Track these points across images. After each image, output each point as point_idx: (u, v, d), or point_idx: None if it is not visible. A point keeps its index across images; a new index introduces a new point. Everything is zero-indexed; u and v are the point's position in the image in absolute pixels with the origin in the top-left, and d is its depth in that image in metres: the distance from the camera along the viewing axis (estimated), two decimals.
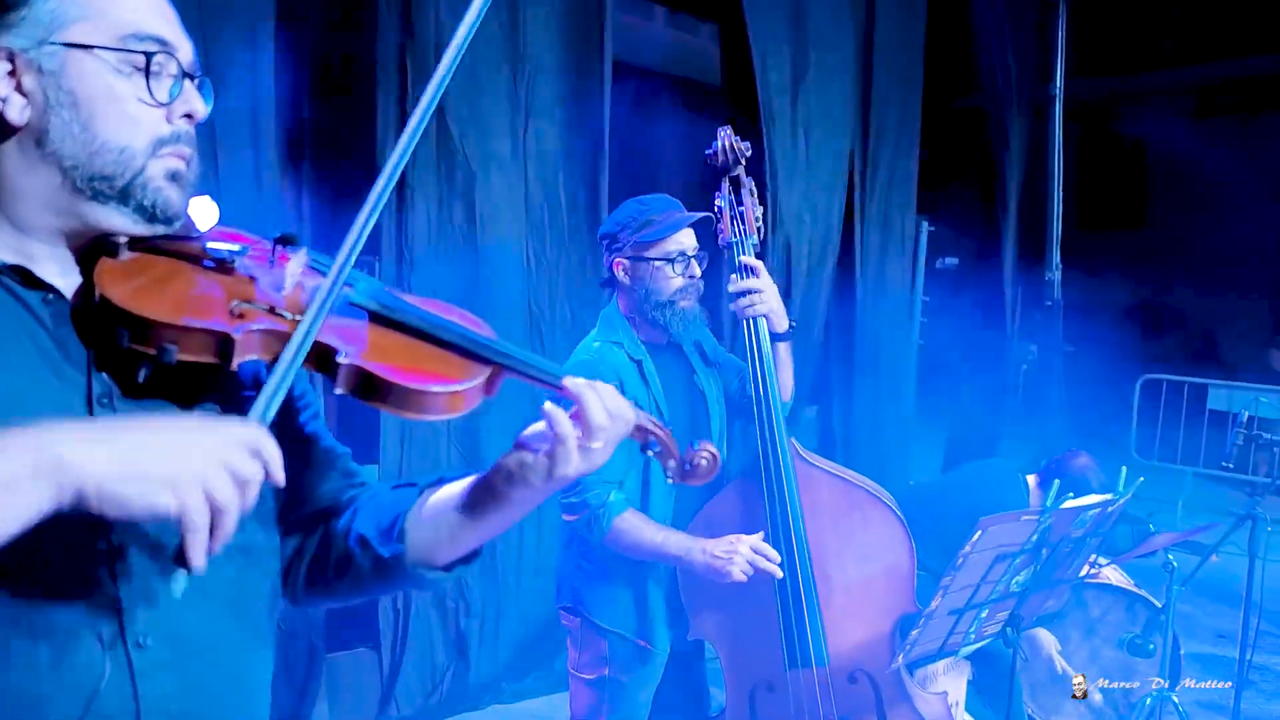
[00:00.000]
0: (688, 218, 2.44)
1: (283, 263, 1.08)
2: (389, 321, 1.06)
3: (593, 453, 1.05)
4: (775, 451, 2.39)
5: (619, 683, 2.50)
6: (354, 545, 1.15)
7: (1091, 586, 4.03)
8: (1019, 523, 2.06)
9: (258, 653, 1.13)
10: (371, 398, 1.01)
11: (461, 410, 1.04)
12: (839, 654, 2.42)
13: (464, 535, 1.11)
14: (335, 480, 1.23)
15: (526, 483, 1.06)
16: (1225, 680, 4.26)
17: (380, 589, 1.18)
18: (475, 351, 1.06)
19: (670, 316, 2.42)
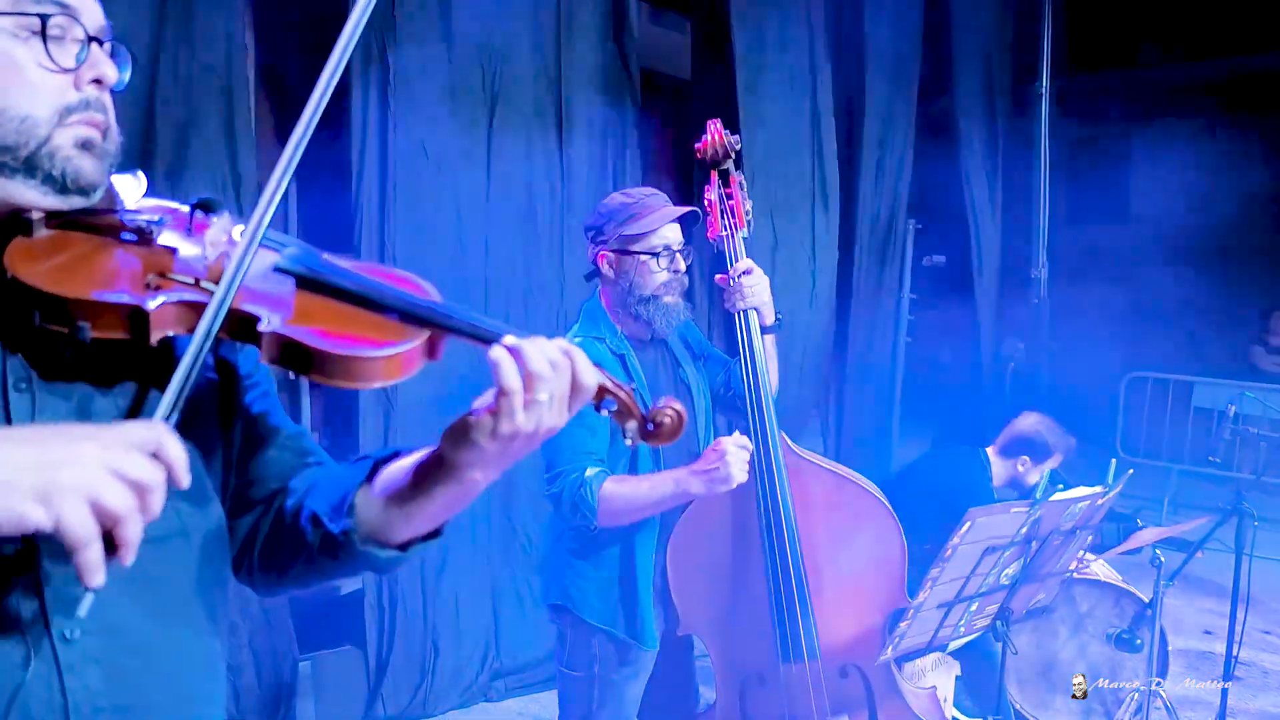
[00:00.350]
0: (673, 211, 2.42)
1: (201, 231, 1.03)
2: (318, 286, 1.01)
3: (539, 407, 0.97)
4: (766, 444, 2.38)
5: (608, 680, 2.49)
6: (305, 523, 1.10)
7: (1079, 582, 4.04)
8: (1008, 515, 2.06)
9: (201, 641, 1.09)
10: (301, 368, 0.96)
11: (400, 375, 0.99)
12: (830, 648, 2.42)
13: (417, 510, 1.05)
14: (287, 459, 1.18)
15: (472, 444, 0.98)
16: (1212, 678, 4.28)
17: (335, 569, 1.12)
18: (411, 314, 1.00)
19: (654, 311, 2.40)
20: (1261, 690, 4.71)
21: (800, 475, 2.42)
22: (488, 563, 4.12)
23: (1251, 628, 5.32)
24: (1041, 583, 2.43)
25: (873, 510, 2.44)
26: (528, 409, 0.96)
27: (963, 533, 1.98)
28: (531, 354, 0.96)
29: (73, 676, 0.96)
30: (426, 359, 1.01)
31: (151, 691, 1.02)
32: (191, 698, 1.08)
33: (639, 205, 2.42)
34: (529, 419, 0.97)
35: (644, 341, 2.48)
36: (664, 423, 1.05)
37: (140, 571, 0.98)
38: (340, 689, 3.79)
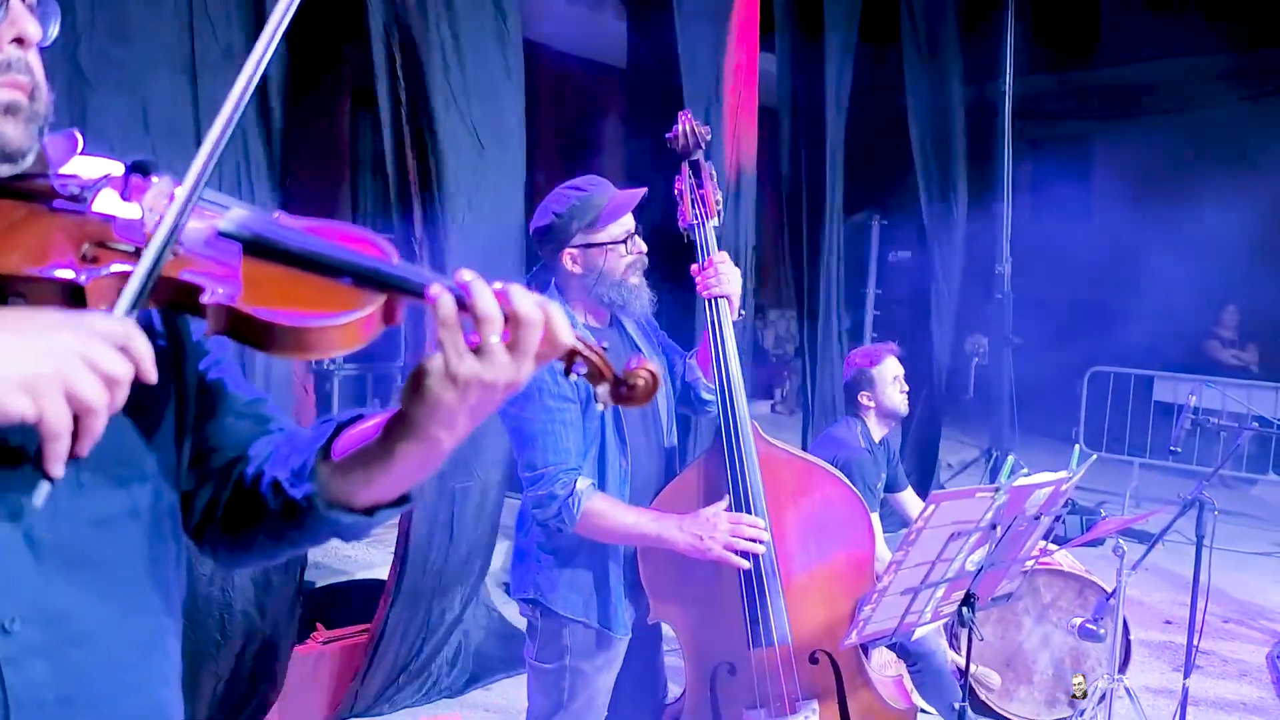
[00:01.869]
0: (631, 198, 2.42)
1: (139, 194, 0.97)
2: (266, 251, 0.94)
3: (492, 353, 0.90)
4: (737, 432, 2.38)
5: (580, 670, 2.48)
6: (266, 490, 1.06)
7: (1043, 572, 4.09)
8: (973, 500, 2.08)
9: (150, 622, 1.05)
10: (251, 341, 0.91)
11: (357, 344, 0.93)
12: (800, 634, 2.43)
13: (380, 472, 1.00)
14: (246, 427, 1.14)
15: (428, 393, 0.92)
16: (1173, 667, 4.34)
17: (299, 537, 1.07)
18: (366, 277, 0.93)
19: (626, 294, 2.41)
20: (1221, 678, 4.79)
21: (771, 463, 2.43)
22: (459, 556, 4.10)
23: (1212, 617, 5.41)
24: (1007, 569, 2.45)
25: (842, 498, 2.46)
26: (480, 355, 0.90)
27: (927, 516, 2.00)
28: (479, 292, 0.90)
29: (13, 670, 0.92)
30: (384, 324, 0.95)
31: (98, 680, 0.99)
32: (142, 683, 1.04)
33: (594, 197, 2.40)
34: (482, 365, 0.90)
35: (603, 330, 2.48)
36: (637, 384, 0.99)
37: (85, 555, 0.97)
38: (306, 686, 3.75)
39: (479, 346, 0.90)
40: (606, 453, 2.41)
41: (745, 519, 2.33)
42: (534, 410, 2.31)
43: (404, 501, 1.05)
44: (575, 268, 2.41)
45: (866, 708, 2.52)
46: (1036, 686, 4.12)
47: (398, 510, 1.05)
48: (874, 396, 3.81)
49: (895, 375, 3.83)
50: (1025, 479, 2.16)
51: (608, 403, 0.99)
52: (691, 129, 2.50)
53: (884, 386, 3.80)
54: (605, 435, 2.40)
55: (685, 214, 2.51)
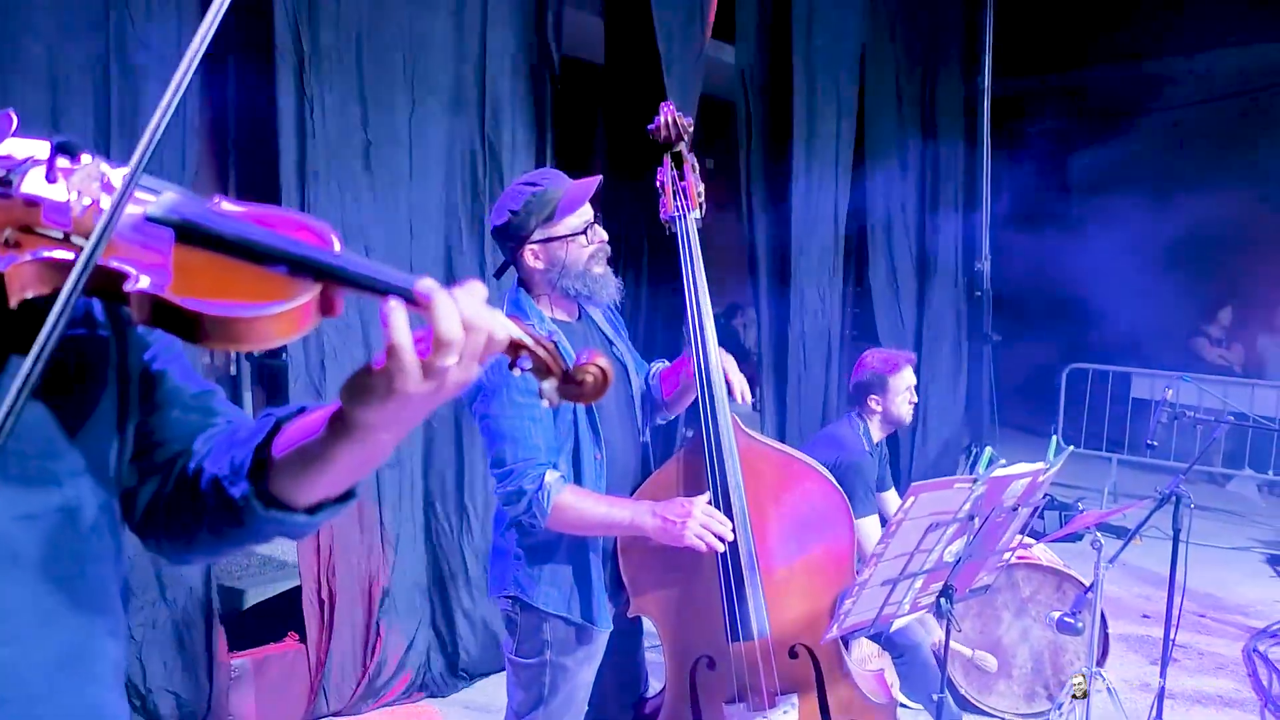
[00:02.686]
0: (587, 188, 2.40)
1: (65, 176, 0.92)
2: (197, 238, 0.90)
3: (444, 370, 0.87)
4: (716, 425, 2.38)
5: (561, 665, 2.47)
6: (206, 487, 1.03)
7: (1022, 566, 4.11)
8: (951, 490, 2.08)
9: (87, 621, 1.02)
10: (180, 331, 0.87)
11: (291, 335, 0.89)
12: (780, 628, 2.42)
13: (321, 471, 0.97)
14: (192, 421, 1.11)
15: (367, 402, 0.90)
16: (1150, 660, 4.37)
17: (242, 535, 1.04)
18: (301, 266, 0.89)
19: (590, 283, 2.39)
20: (1198, 671, 4.83)
21: (751, 457, 2.43)
22: (428, 554, 4.08)
23: (1188, 611, 5.46)
24: (984, 561, 2.46)
25: (823, 492, 2.45)
26: (429, 370, 0.87)
27: (906, 507, 2.00)
28: (442, 313, 0.86)
29: None
30: (321, 315, 0.92)
31: (32, 681, 0.96)
32: (78, 684, 1.01)
33: (549, 191, 2.38)
34: (431, 378, 0.88)
35: (571, 324, 2.47)
36: (586, 380, 0.96)
37: (13, 552, 0.94)
38: (281, 686, 3.73)
39: (428, 364, 0.87)
40: (581, 446, 2.40)
41: (718, 515, 2.32)
42: (502, 407, 2.30)
43: (348, 498, 1.03)
44: (537, 263, 2.40)
45: (846, 701, 2.52)
46: (1015, 680, 4.14)
47: (342, 507, 1.03)
48: (883, 402, 3.83)
49: (908, 385, 3.86)
50: (1003, 470, 2.17)
51: (554, 400, 0.96)
52: (673, 120, 2.50)
53: (895, 395, 3.83)
54: (579, 429, 2.39)
55: (666, 205, 2.50)
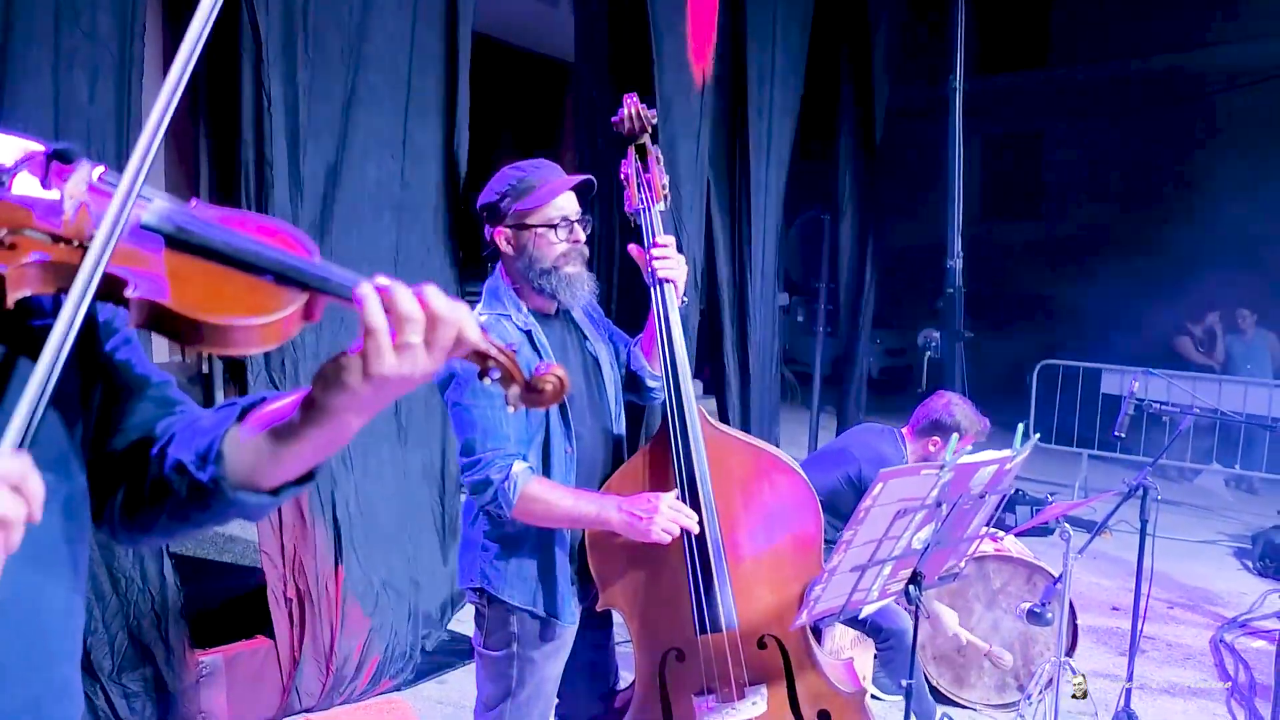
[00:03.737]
0: (567, 181, 2.39)
1: (58, 181, 0.95)
2: (188, 246, 0.95)
3: (411, 350, 0.94)
4: (683, 417, 2.38)
5: (528, 658, 2.46)
6: (170, 472, 1.07)
7: (993, 558, 4.14)
8: (919, 477, 2.09)
9: (60, 599, 1.06)
10: (173, 335, 0.91)
11: (276, 341, 0.95)
12: (748, 619, 2.42)
13: (287, 454, 1.02)
14: (150, 409, 1.15)
15: (344, 386, 0.96)
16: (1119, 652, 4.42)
17: (205, 518, 1.09)
18: (289, 276, 0.95)
19: (556, 283, 2.37)
20: (1166, 663, 4.88)
21: (718, 449, 2.42)
22: (394, 548, 4.06)
23: (1157, 603, 5.53)
24: (953, 549, 2.47)
25: (790, 484, 2.46)
26: (399, 352, 0.94)
27: (875, 494, 2.01)
28: (400, 295, 0.94)
29: None
30: (304, 321, 0.97)
31: (7, 653, 0.99)
32: (49, 660, 1.05)
33: (532, 178, 2.39)
34: (401, 361, 0.94)
35: (549, 316, 2.46)
36: (545, 389, 1.04)
37: None
38: (253, 682, 3.70)
39: (400, 344, 0.94)
40: (551, 439, 2.39)
41: (684, 509, 2.32)
42: (474, 396, 2.29)
43: (308, 479, 1.07)
44: (508, 248, 2.40)
45: (815, 691, 2.53)
46: (986, 672, 4.17)
47: (302, 488, 1.08)
48: (938, 449, 3.75)
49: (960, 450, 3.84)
50: (969, 457, 2.18)
51: (517, 405, 1.04)
52: (637, 113, 2.49)
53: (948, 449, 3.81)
54: (550, 422, 2.39)
55: (631, 198, 2.49)
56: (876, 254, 7.41)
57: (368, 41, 3.85)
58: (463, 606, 4.46)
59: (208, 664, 3.57)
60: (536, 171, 2.41)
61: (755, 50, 5.89)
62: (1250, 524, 7.40)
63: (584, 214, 2.43)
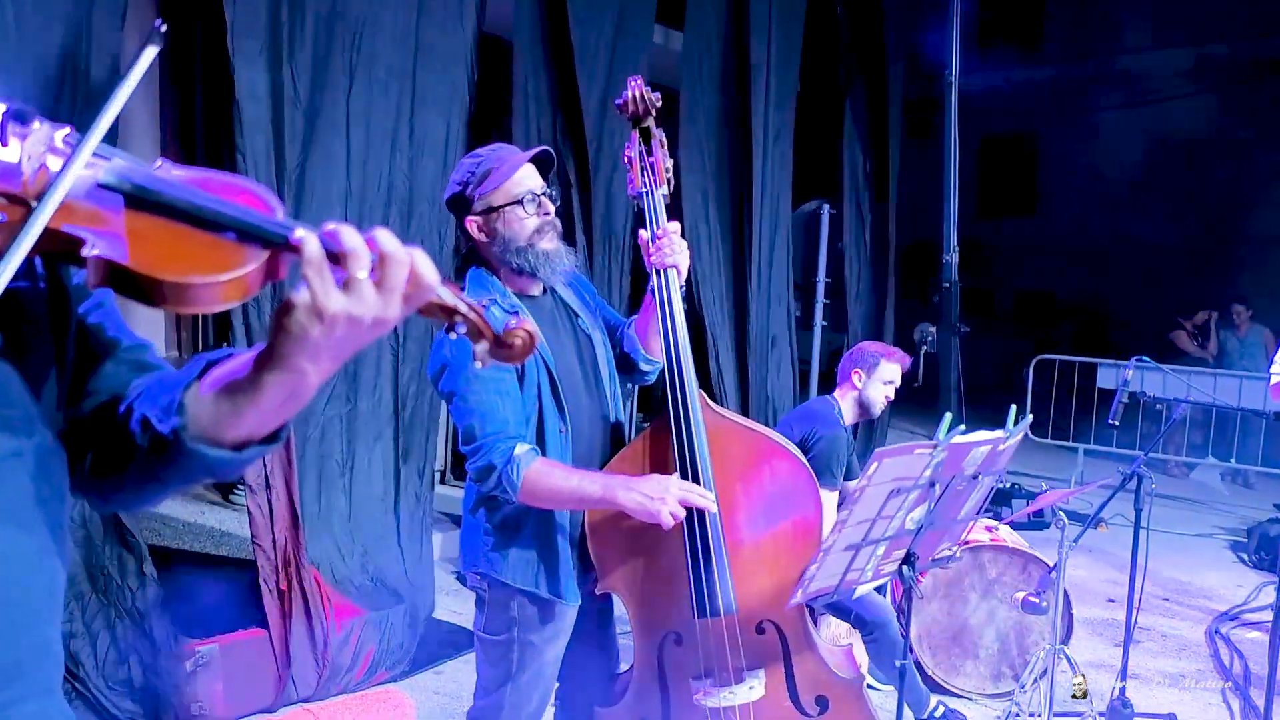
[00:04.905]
0: (524, 156, 2.40)
1: (20, 141, 0.95)
2: (148, 205, 0.94)
3: (358, 287, 0.93)
4: (684, 401, 2.38)
5: (528, 642, 2.47)
6: (135, 428, 1.06)
7: (989, 548, 4.16)
8: (913, 456, 2.10)
9: (40, 561, 1.06)
10: (133, 294, 0.90)
11: (239, 298, 0.94)
12: (747, 604, 2.42)
13: (248, 405, 1.00)
14: (122, 372, 1.14)
15: (292, 329, 0.94)
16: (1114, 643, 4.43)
17: (170, 475, 1.07)
18: (250, 233, 0.93)
19: (534, 259, 2.37)
20: (1161, 654, 4.90)
21: (719, 434, 2.42)
22: (390, 538, 4.07)
23: (1153, 595, 5.55)
24: (946, 530, 2.48)
25: (790, 469, 2.45)
26: (346, 289, 0.93)
27: (870, 473, 2.02)
28: (344, 232, 0.93)
29: None
30: (268, 280, 0.96)
31: None
32: (32, 620, 1.05)
33: (490, 160, 2.39)
34: (349, 301, 0.93)
35: (534, 297, 2.47)
36: (515, 343, 1.03)
37: None
38: (249, 673, 3.71)
39: (346, 281, 0.93)
40: (545, 421, 2.39)
41: (696, 489, 2.32)
42: (468, 383, 2.29)
43: (274, 439, 1.06)
44: (481, 235, 2.40)
45: (813, 677, 2.53)
46: (982, 661, 4.18)
47: (268, 448, 1.06)
48: (865, 381, 3.89)
49: (891, 379, 3.92)
50: (963, 437, 2.19)
51: (486, 360, 1.03)
52: (641, 95, 2.49)
53: (879, 379, 3.89)
54: (543, 403, 2.38)
55: (634, 181, 2.50)
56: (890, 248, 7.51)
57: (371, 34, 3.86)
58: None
59: (203, 654, 3.57)
60: (493, 154, 2.41)
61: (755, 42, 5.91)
62: (1246, 518, 7.43)
63: (548, 188, 2.44)
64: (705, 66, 5.77)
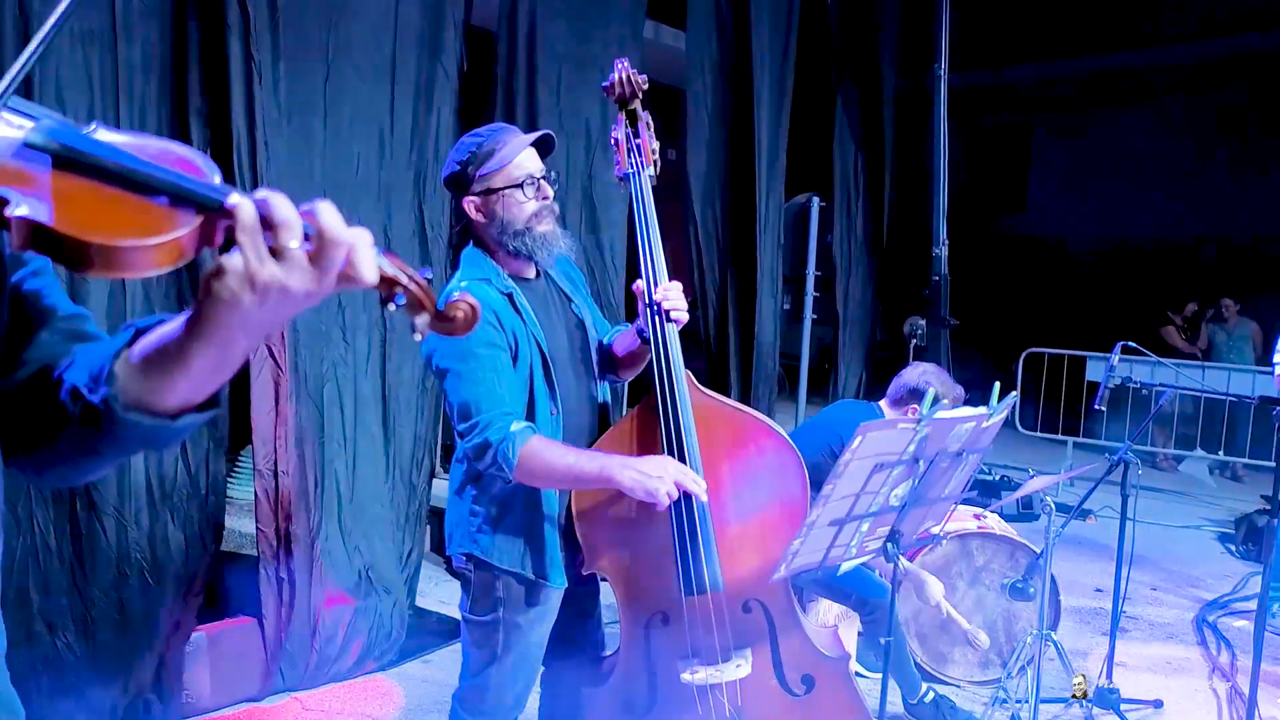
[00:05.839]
0: (526, 139, 2.40)
1: None
2: (75, 165, 0.92)
3: (290, 258, 0.91)
4: (671, 381, 2.39)
5: (514, 623, 2.47)
6: (66, 397, 1.04)
7: (976, 536, 4.17)
8: (896, 431, 2.11)
9: None
10: (58, 257, 0.89)
11: (172, 264, 0.92)
12: (733, 583, 2.43)
13: (178, 371, 0.98)
14: (56, 341, 1.12)
15: (222, 294, 0.92)
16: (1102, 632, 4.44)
17: (104, 446, 1.05)
18: (183, 197, 0.92)
19: (531, 243, 2.38)
20: (1149, 641, 4.92)
21: (706, 414, 2.43)
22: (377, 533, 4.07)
23: (1141, 585, 5.58)
24: (931, 508, 2.49)
25: (777, 449, 2.46)
26: (278, 258, 0.91)
27: (854, 448, 2.02)
28: (277, 200, 0.92)
29: None
30: (203, 245, 0.94)
31: None
32: None
33: (491, 141, 2.39)
34: (282, 271, 0.91)
35: (528, 280, 2.47)
36: (456, 316, 1.02)
37: None
38: (236, 660, 3.70)
39: (277, 250, 0.91)
40: (536, 401, 2.40)
41: (690, 473, 2.32)
42: (463, 360, 2.29)
43: (209, 406, 1.04)
44: (479, 216, 2.40)
45: (799, 655, 2.54)
46: (969, 649, 4.19)
47: (203, 416, 1.04)
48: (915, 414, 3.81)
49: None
50: (946, 412, 2.20)
51: (425, 332, 1.01)
52: (628, 77, 2.51)
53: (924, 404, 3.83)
54: (534, 384, 2.39)
55: (621, 162, 2.51)
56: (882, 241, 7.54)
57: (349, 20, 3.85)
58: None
59: (191, 641, 3.56)
60: (494, 135, 2.41)
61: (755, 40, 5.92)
62: (1234, 509, 7.46)
63: (548, 171, 2.44)
64: (707, 61, 5.76)
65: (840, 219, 7.31)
